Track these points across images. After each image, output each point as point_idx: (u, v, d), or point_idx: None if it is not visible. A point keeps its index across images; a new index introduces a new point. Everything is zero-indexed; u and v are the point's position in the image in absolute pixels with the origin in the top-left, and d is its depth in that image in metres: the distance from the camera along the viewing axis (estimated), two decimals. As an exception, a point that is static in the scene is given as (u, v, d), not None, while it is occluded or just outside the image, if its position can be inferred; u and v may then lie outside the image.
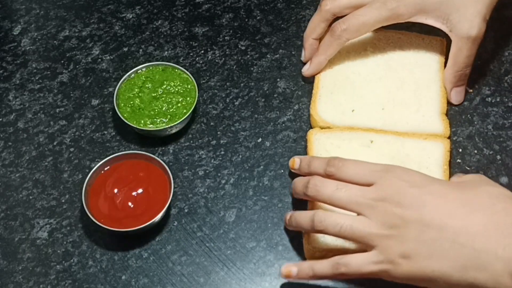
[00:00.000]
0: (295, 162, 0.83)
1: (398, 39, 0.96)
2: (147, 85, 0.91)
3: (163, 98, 0.90)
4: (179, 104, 0.90)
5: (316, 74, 0.93)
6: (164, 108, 0.90)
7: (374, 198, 0.72)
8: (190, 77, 0.92)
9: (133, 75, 0.92)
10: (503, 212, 0.69)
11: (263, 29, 1.01)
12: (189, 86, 0.92)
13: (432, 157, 0.85)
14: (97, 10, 1.03)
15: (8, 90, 0.96)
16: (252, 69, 0.97)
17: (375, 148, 0.86)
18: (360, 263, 0.72)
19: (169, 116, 0.89)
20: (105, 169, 0.85)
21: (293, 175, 0.87)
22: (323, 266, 0.75)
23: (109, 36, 1.01)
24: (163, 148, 0.90)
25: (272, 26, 1.01)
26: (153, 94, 0.91)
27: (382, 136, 0.87)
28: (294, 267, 0.77)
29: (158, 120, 0.89)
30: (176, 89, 0.91)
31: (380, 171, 0.74)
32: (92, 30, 1.01)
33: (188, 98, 0.91)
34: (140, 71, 0.93)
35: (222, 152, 0.90)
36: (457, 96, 0.92)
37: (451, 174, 0.86)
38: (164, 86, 0.91)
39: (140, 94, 0.91)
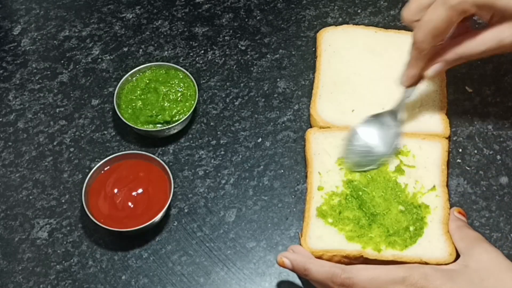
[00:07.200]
0: (285, 262, 0.76)
1: (398, 39, 0.96)
2: (148, 86, 0.91)
3: (163, 98, 0.90)
4: (179, 104, 0.90)
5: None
6: (164, 108, 0.90)
7: None
8: (190, 77, 0.92)
9: (134, 78, 0.92)
10: None
11: (263, 29, 1.01)
12: (189, 86, 0.92)
13: (430, 157, 0.85)
14: (97, 10, 1.03)
15: (8, 90, 0.96)
16: (252, 69, 0.97)
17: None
18: None
19: (169, 116, 0.89)
20: (105, 169, 0.85)
21: (292, 174, 0.87)
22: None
23: (109, 36, 1.01)
24: (163, 148, 0.90)
25: (272, 26, 1.01)
26: (153, 95, 0.91)
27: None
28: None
29: (158, 120, 0.89)
30: (176, 89, 0.91)
31: (397, 282, 0.72)
32: (92, 30, 1.01)
33: (188, 99, 0.91)
34: (141, 73, 0.92)
35: (222, 152, 0.90)
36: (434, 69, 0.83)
37: (449, 174, 0.86)
38: (165, 87, 0.91)
39: (141, 95, 0.91)
